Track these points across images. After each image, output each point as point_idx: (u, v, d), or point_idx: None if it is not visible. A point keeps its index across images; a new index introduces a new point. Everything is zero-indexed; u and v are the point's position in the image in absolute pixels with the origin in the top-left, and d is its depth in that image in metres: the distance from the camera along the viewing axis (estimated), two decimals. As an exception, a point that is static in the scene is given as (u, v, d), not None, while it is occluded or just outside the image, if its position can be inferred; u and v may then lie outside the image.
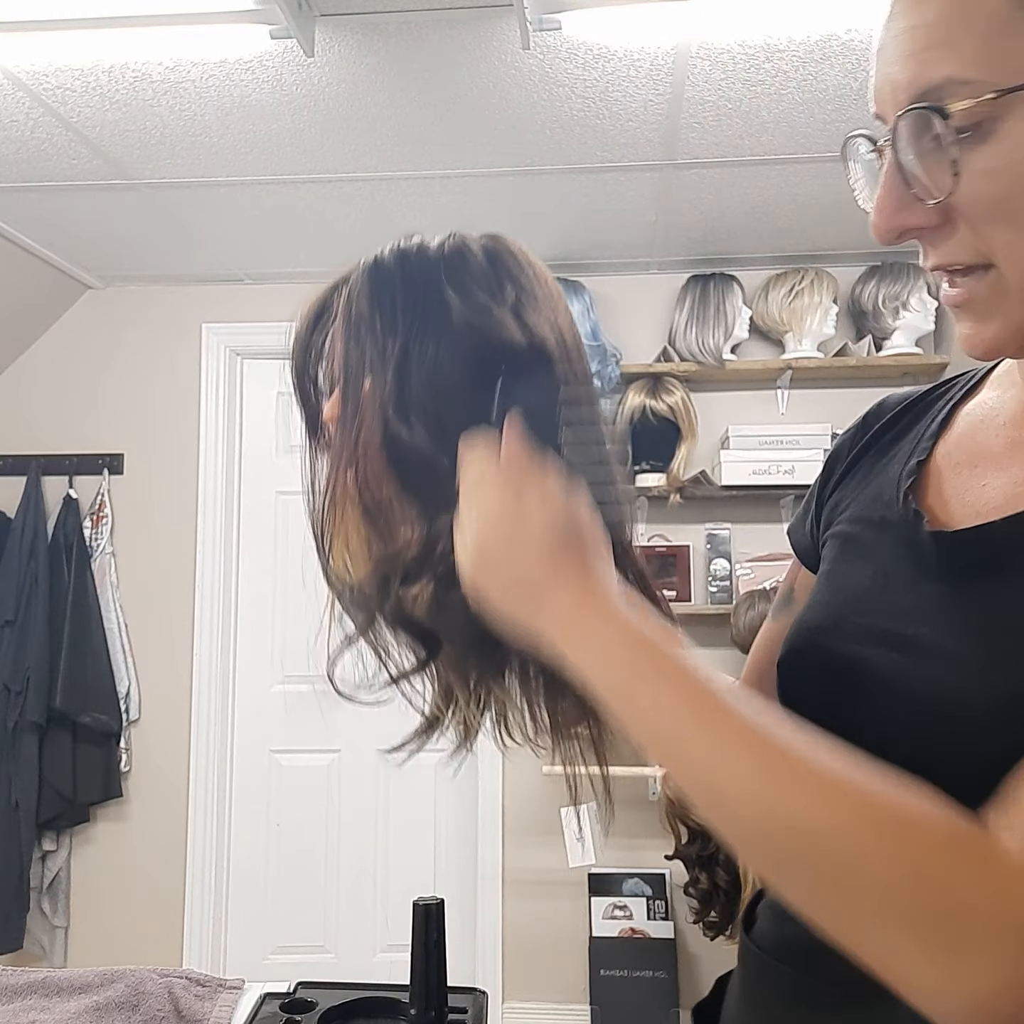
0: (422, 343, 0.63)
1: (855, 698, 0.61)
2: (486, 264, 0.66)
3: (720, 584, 2.92)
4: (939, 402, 0.71)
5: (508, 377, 0.63)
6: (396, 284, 0.65)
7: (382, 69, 1.91)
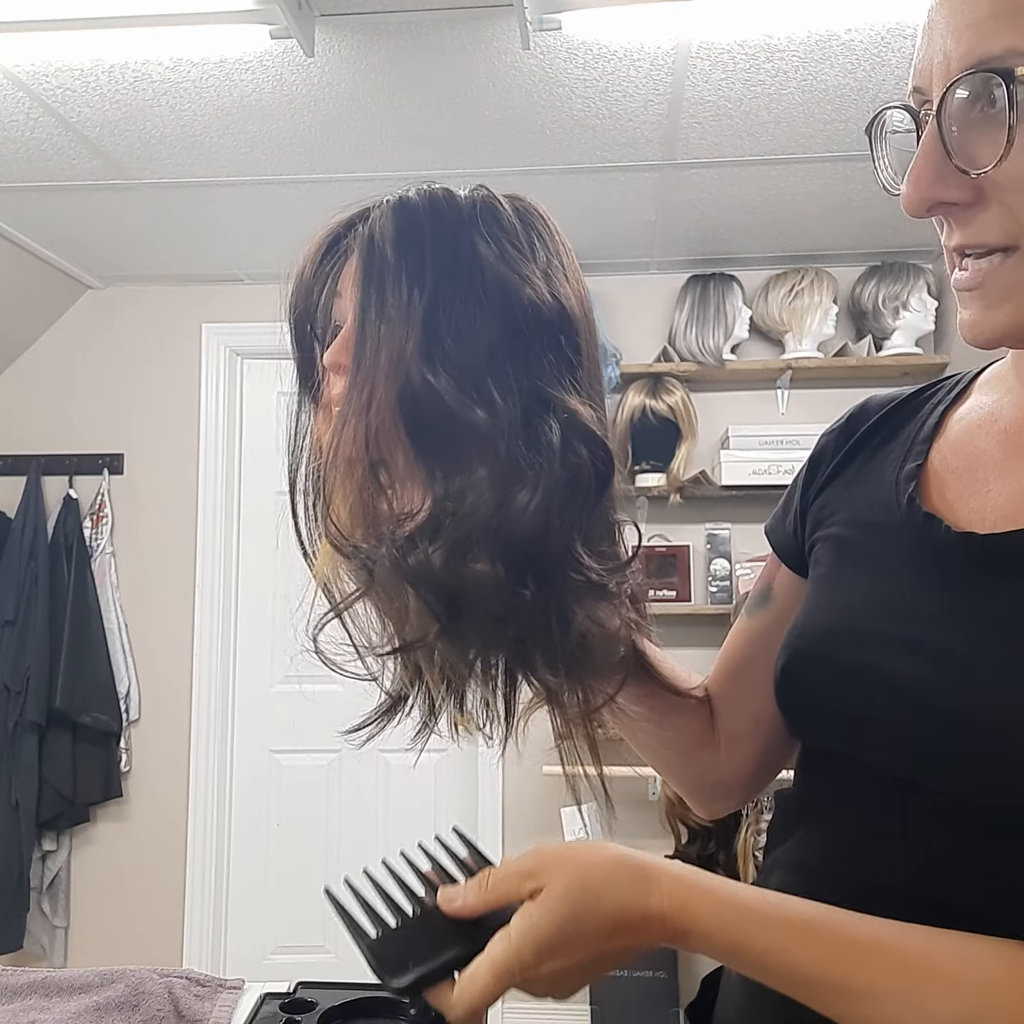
0: (452, 296, 0.59)
1: (877, 706, 0.59)
2: (517, 222, 0.63)
3: (720, 584, 2.92)
4: (926, 405, 0.71)
5: (534, 339, 0.61)
6: (426, 230, 0.61)
7: (382, 69, 1.91)
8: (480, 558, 0.58)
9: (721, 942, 0.54)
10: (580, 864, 0.56)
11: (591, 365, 0.65)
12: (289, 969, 2.95)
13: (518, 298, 0.60)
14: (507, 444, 0.58)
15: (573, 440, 0.60)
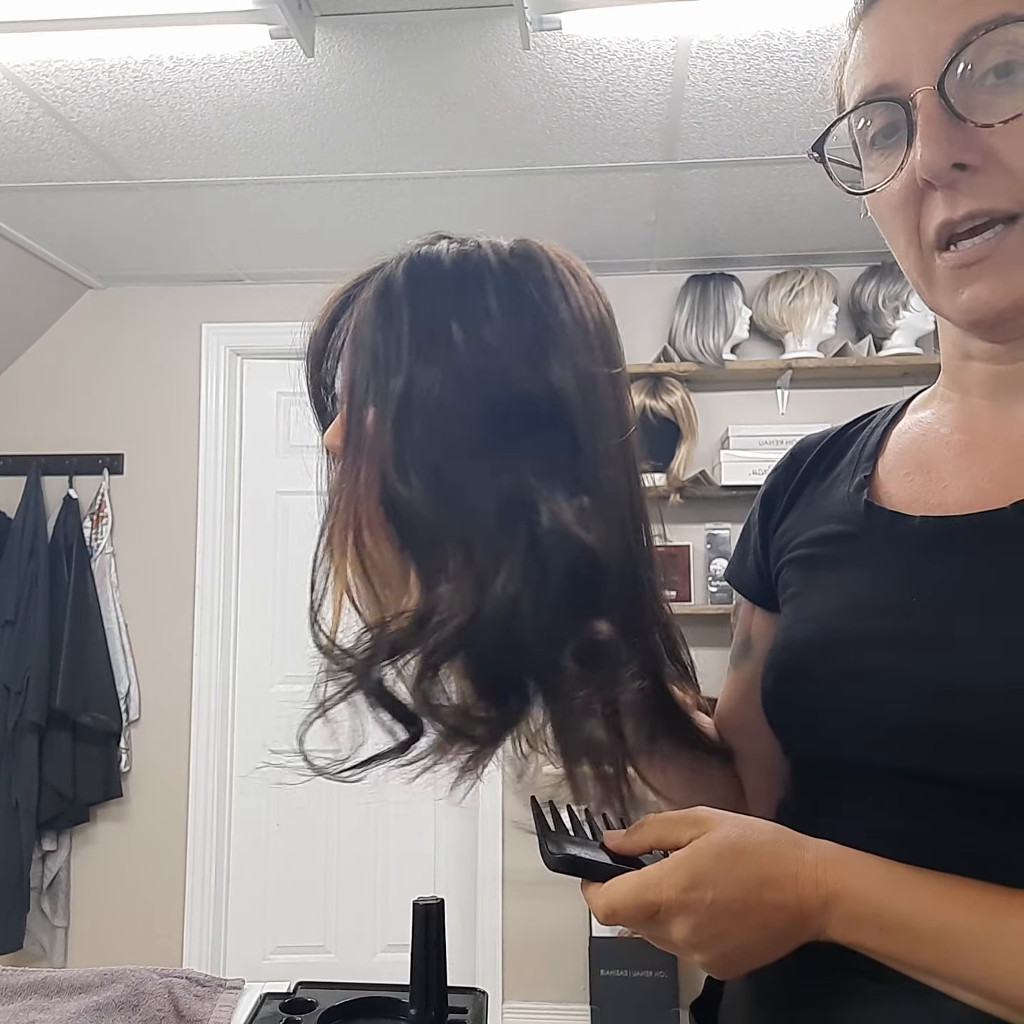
0: (424, 385, 0.57)
1: (874, 704, 0.59)
2: (506, 290, 0.60)
3: (720, 584, 2.92)
4: (864, 431, 0.74)
5: (516, 431, 0.57)
6: (403, 312, 0.59)
7: (382, 69, 1.91)
8: (446, 672, 0.58)
9: (873, 900, 0.54)
10: (743, 820, 0.58)
11: (595, 449, 0.60)
12: (289, 969, 2.95)
13: (495, 389, 0.57)
14: (480, 553, 0.56)
15: (547, 546, 0.56)
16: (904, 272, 0.67)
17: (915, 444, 0.69)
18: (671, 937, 0.56)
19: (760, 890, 0.54)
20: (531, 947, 2.96)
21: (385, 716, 0.61)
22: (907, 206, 0.61)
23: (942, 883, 0.54)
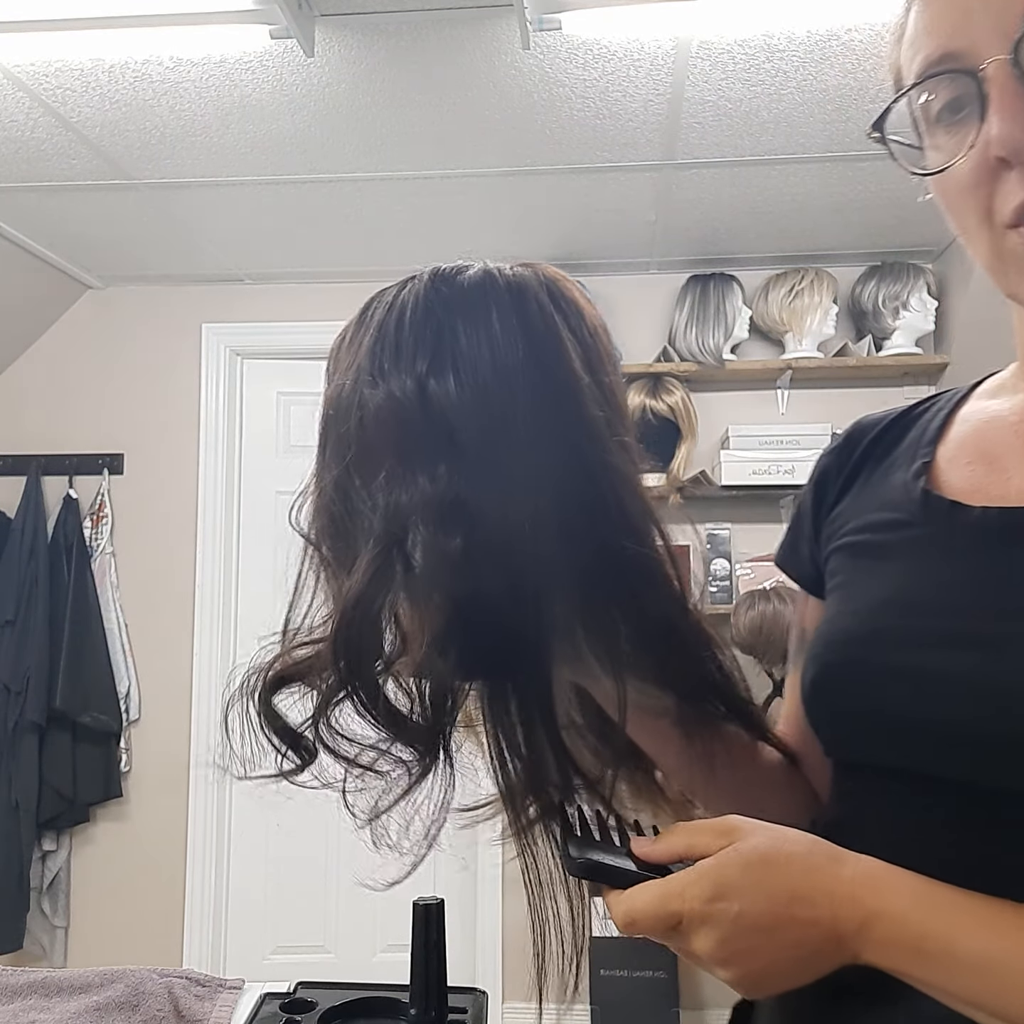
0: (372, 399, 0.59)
1: (921, 706, 0.57)
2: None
3: (720, 584, 2.92)
4: (926, 415, 0.71)
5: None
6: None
7: (382, 69, 1.91)
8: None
9: (913, 922, 0.50)
10: (777, 830, 0.55)
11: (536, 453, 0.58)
12: (289, 969, 2.95)
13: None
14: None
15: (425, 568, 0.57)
16: (974, 255, 0.61)
17: (979, 432, 0.66)
18: (695, 950, 0.54)
19: (790, 905, 0.52)
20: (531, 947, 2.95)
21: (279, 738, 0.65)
22: (979, 185, 0.56)
23: (990, 908, 0.51)
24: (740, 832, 0.55)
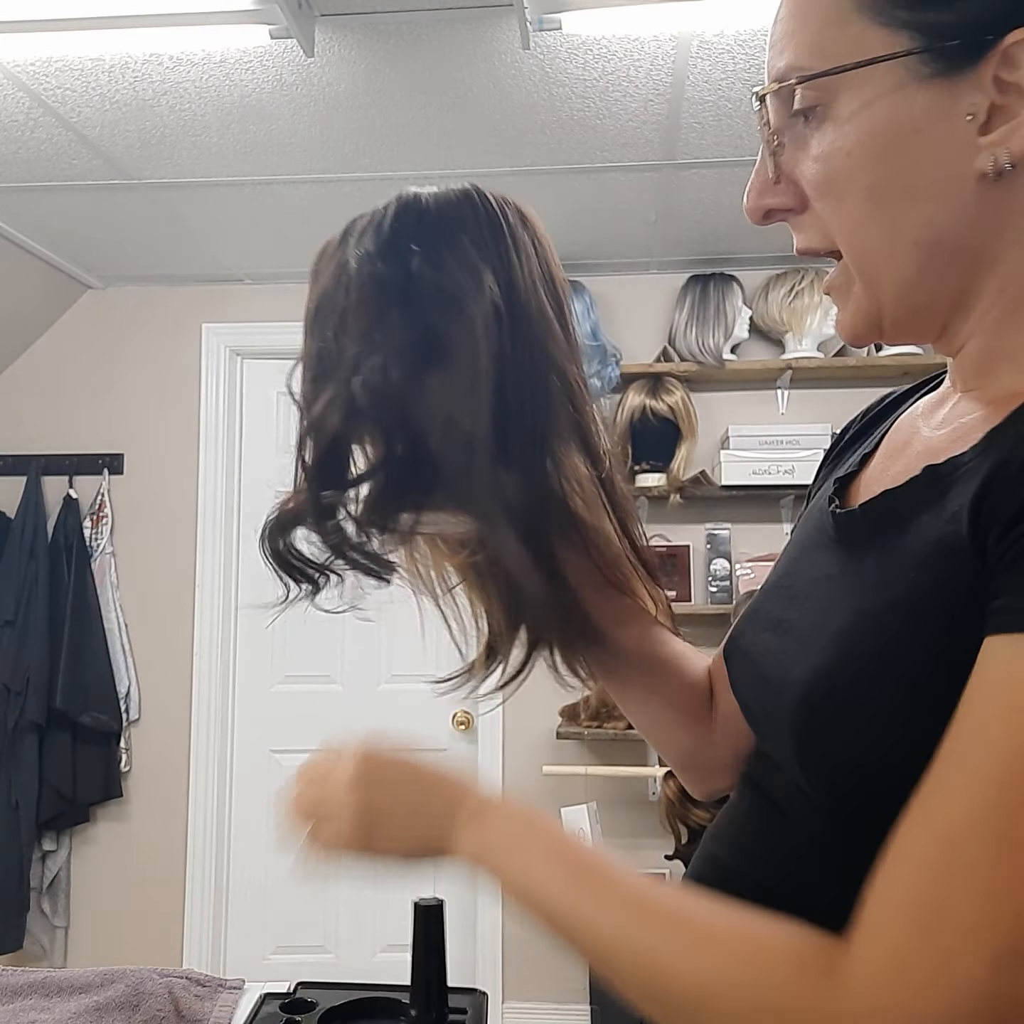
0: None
1: (744, 684, 0.66)
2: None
3: (720, 584, 2.92)
4: (910, 399, 0.72)
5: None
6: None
7: (382, 69, 1.91)
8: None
9: (504, 840, 0.61)
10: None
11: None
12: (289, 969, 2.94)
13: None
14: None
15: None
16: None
17: (900, 425, 0.68)
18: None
19: (417, 780, 0.68)
20: (531, 947, 2.96)
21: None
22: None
23: (574, 864, 0.58)
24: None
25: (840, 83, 0.54)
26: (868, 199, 0.55)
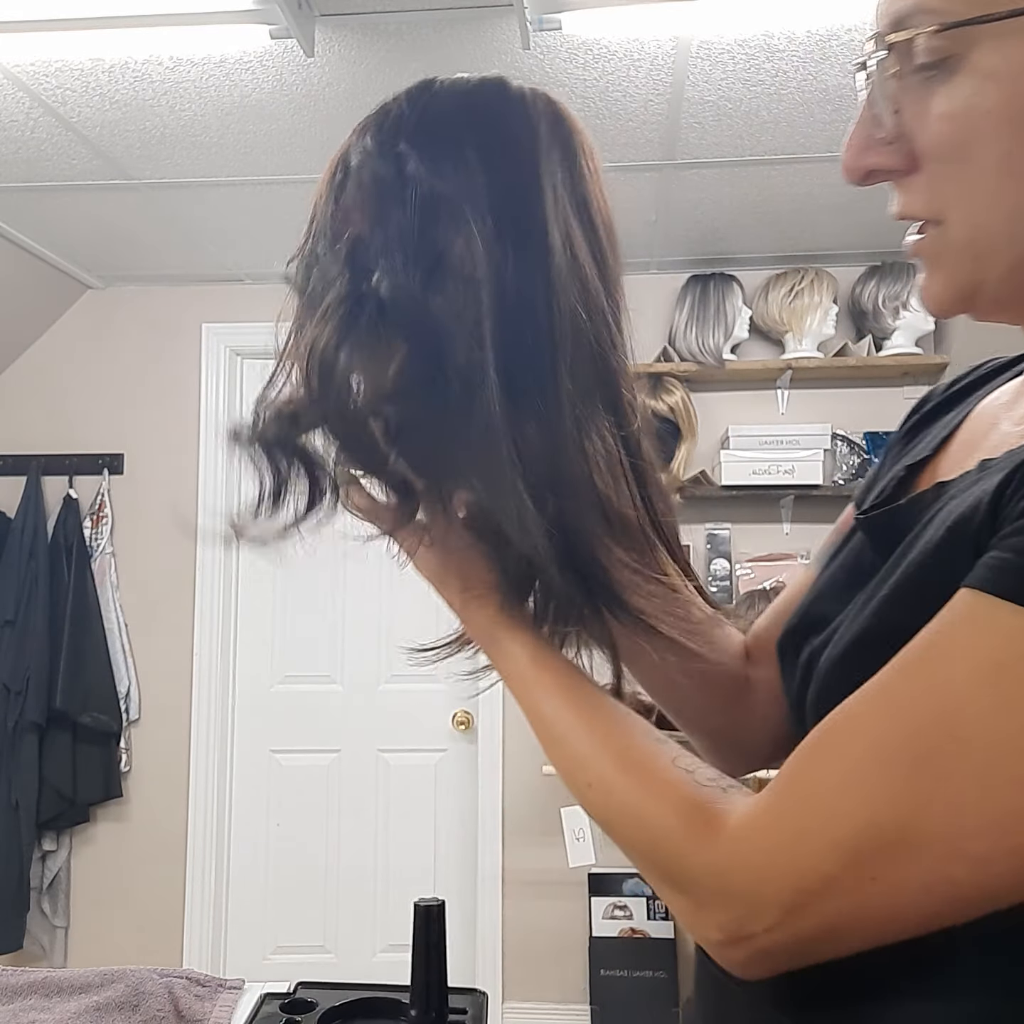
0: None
1: (805, 690, 0.64)
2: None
3: (720, 584, 2.92)
4: (983, 388, 0.67)
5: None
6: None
7: (382, 69, 1.91)
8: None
9: (518, 642, 0.61)
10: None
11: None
12: (289, 969, 2.95)
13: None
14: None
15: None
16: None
17: (988, 413, 0.63)
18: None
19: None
20: (531, 947, 2.96)
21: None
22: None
23: (571, 690, 0.60)
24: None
25: (981, 32, 0.47)
26: (1001, 167, 0.49)
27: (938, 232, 0.53)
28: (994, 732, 0.42)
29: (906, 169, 0.53)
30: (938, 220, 0.53)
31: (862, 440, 2.92)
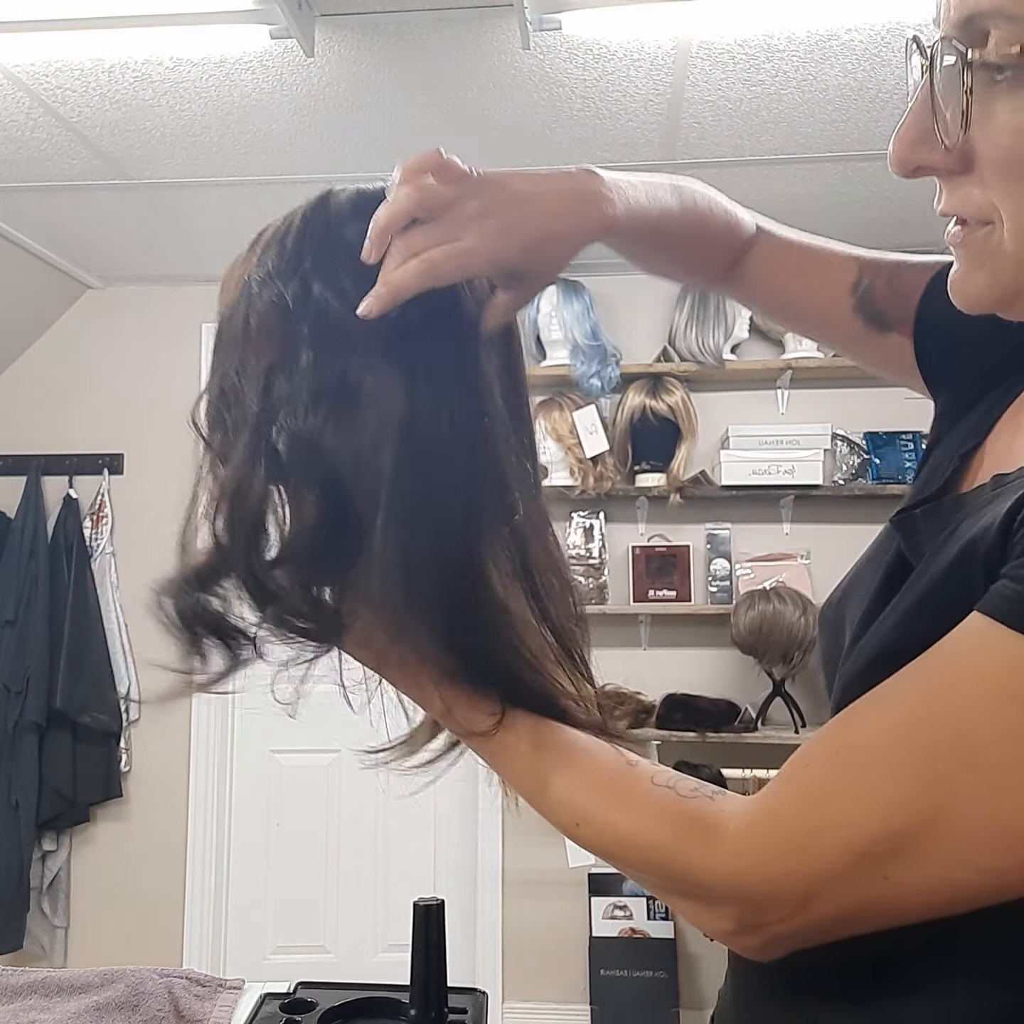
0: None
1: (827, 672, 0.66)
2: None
3: (720, 584, 2.92)
4: None
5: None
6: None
7: (382, 69, 1.91)
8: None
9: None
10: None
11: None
12: (289, 969, 2.94)
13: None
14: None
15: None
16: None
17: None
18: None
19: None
20: (531, 947, 2.96)
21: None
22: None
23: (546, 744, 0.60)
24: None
25: None
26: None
27: (986, 232, 0.52)
28: (1004, 757, 0.44)
29: (959, 171, 0.51)
30: (987, 221, 0.52)
31: (862, 440, 2.92)
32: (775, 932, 0.50)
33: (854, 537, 2.87)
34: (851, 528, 2.86)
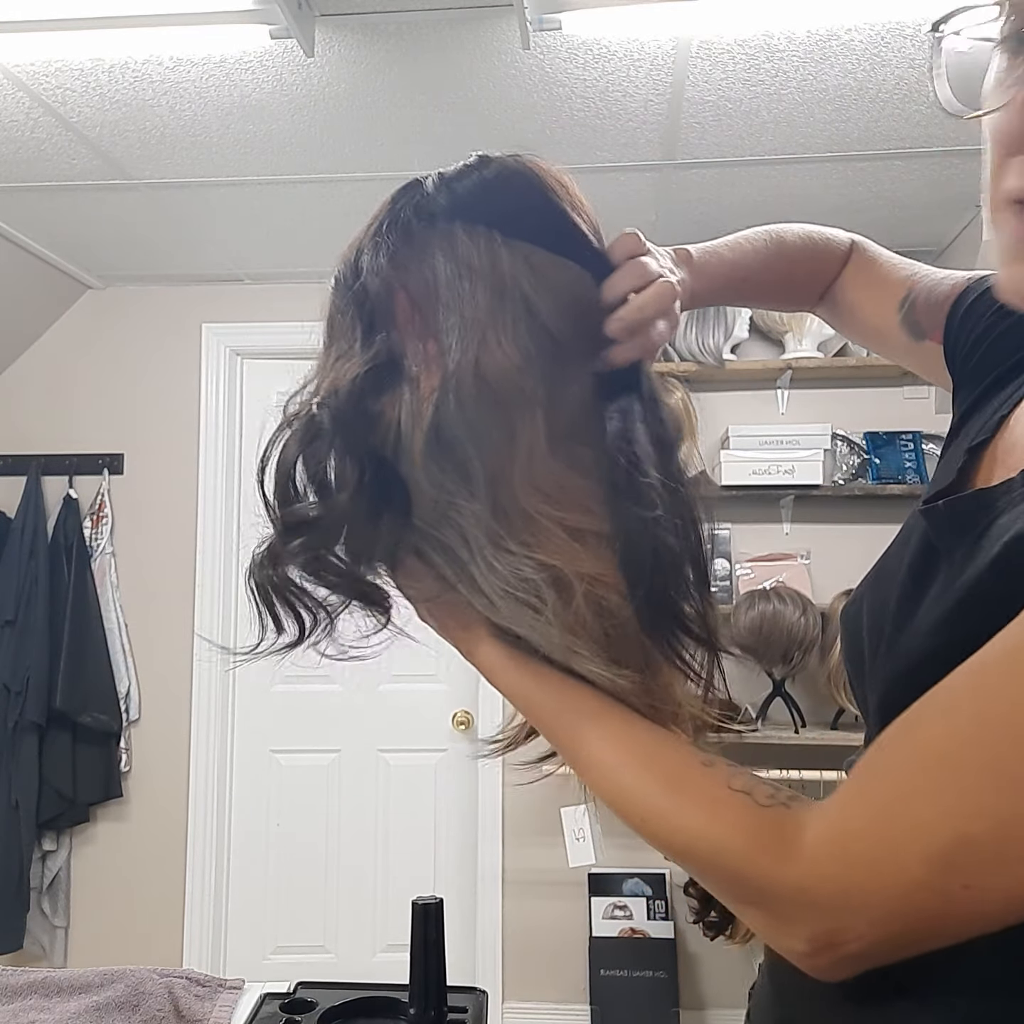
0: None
1: (853, 666, 0.67)
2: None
3: (720, 584, 2.92)
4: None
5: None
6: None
7: (382, 69, 1.91)
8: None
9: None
10: None
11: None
12: (289, 969, 2.95)
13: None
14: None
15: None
16: (985, 203, 0.55)
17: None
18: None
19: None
20: (531, 947, 2.96)
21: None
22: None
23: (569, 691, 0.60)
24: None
25: None
26: None
27: None
28: None
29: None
30: None
31: (862, 440, 2.92)
32: (849, 951, 0.49)
33: (854, 537, 2.89)
34: (851, 528, 2.87)
